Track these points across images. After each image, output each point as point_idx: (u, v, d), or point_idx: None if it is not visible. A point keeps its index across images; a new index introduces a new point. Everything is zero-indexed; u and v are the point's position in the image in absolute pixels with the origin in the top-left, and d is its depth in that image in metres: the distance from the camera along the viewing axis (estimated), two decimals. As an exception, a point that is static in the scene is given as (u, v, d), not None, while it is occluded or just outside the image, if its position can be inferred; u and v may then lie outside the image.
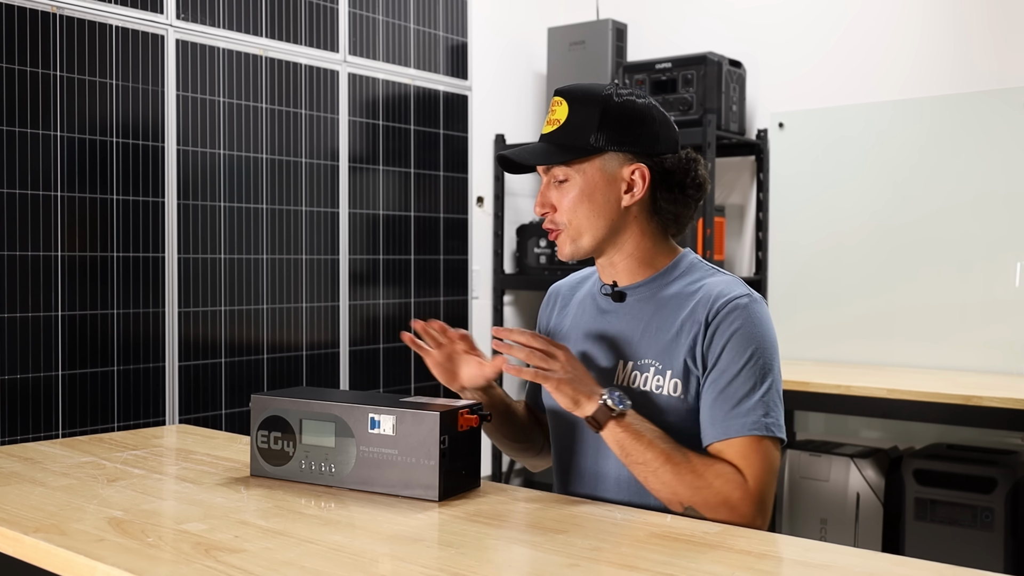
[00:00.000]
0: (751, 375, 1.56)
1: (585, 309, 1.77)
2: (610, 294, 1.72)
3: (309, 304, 3.41)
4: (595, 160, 1.64)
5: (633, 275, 1.69)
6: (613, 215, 1.65)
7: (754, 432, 1.53)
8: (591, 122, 1.62)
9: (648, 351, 1.64)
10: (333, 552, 1.31)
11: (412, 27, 3.76)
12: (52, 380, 2.76)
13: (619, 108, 1.64)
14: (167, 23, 3.01)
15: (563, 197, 1.65)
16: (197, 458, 1.90)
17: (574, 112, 1.63)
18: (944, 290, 3.73)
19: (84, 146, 2.83)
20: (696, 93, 3.89)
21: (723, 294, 1.60)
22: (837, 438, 3.92)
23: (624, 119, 1.64)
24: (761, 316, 1.60)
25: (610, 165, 1.64)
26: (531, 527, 1.45)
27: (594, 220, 1.64)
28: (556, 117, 1.65)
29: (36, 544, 1.36)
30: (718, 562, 1.29)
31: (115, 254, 2.90)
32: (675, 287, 1.67)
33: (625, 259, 1.69)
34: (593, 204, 1.64)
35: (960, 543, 3.29)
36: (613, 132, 1.63)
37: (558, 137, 1.64)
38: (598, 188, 1.64)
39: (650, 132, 1.65)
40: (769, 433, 1.54)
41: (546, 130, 1.67)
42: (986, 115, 3.66)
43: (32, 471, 1.77)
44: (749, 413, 1.54)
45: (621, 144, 1.63)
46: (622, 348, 1.67)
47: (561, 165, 1.64)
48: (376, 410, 1.60)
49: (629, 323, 1.68)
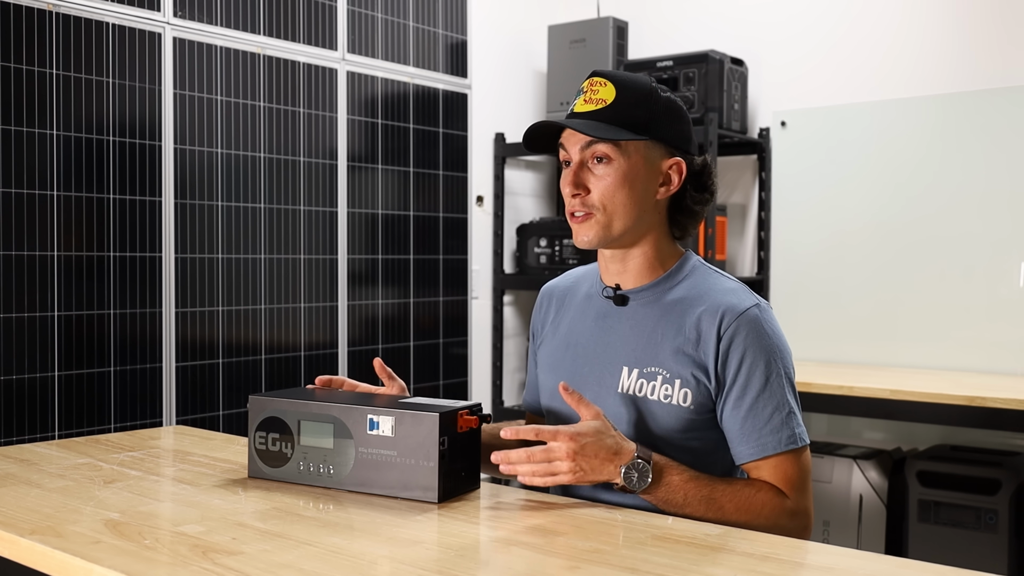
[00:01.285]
0: (776, 389, 1.57)
1: (585, 313, 1.74)
2: (612, 297, 1.69)
3: (307, 304, 3.40)
4: (640, 146, 1.62)
5: (641, 276, 1.67)
6: (646, 206, 1.63)
7: (789, 447, 1.56)
8: (640, 108, 1.61)
9: (655, 359, 1.62)
10: (331, 554, 1.30)
11: (411, 25, 3.74)
12: (48, 381, 2.75)
13: (665, 101, 1.64)
14: (164, 21, 3.00)
15: (601, 180, 1.61)
16: (194, 459, 1.90)
17: (622, 95, 1.61)
18: (948, 290, 3.72)
19: (80, 145, 2.81)
20: (698, 91, 3.88)
21: (733, 306, 1.59)
22: (840, 439, 3.91)
23: (669, 113, 1.64)
24: (773, 324, 1.61)
25: (652, 154, 1.63)
26: (531, 529, 1.44)
27: (630, 208, 1.61)
28: (601, 97, 1.61)
29: (32, 546, 1.36)
30: (720, 564, 1.29)
31: (112, 254, 2.88)
32: (679, 291, 1.65)
33: (638, 257, 1.67)
34: (632, 191, 1.61)
35: (964, 545, 3.28)
36: (659, 123, 1.62)
37: (607, 115, 1.60)
38: (639, 175, 1.62)
39: (688, 131, 1.67)
40: (802, 443, 1.58)
41: (586, 108, 1.62)
42: (990, 114, 3.65)
43: (28, 472, 1.77)
44: (782, 428, 1.56)
45: (665, 136, 1.63)
46: (626, 355, 1.65)
47: (610, 143, 1.60)
48: (375, 411, 1.59)
49: (633, 328, 1.66)
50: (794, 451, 1.56)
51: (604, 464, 1.49)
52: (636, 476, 1.49)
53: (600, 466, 1.49)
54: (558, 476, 1.49)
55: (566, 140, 1.66)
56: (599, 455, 1.49)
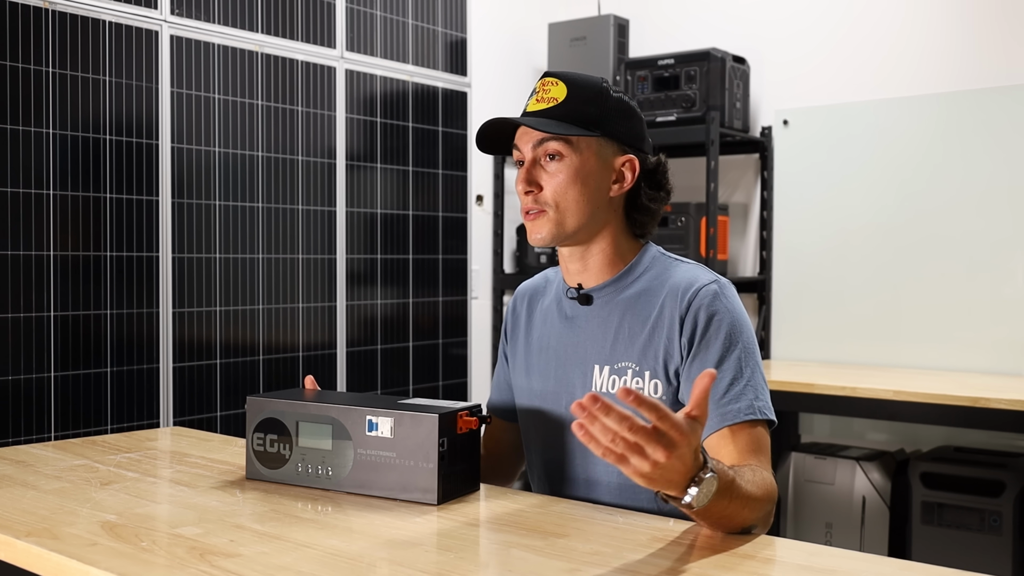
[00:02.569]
0: (736, 361, 1.55)
1: (554, 315, 1.75)
2: (576, 297, 1.71)
3: (305, 304, 3.39)
4: (592, 143, 1.63)
5: (602, 273, 1.68)
6: (600, 203, 1.64)
7: (749, 417, 1.52)
8: (591, 106, 1.63)
9: (623, 354, 1.63)
10: (330, 557, 1.30)
11: (410, 22, 3.73)
12: (44, 381, 2.73)
13: (616, 100, 1.66)
14: (161, 18, 2.99)
15: (553, 176, 1.63)
16: (192, 461, 1.90)
17: (573, 93, 1.62)
18: (951, 290, 3.70)
19: (77, 144, 2.80)
20: (699, 90, 3.87)
21: (690, 284, 1.60)
22: (842, 441, 3.90)
23: (620, 111, 1.66)
24: (733, 300, 1.61)
25: (604, 151, 1.65)
26: (531, 531, 1.43)
27: (582, 204, 1.62)
28: (552, 96, 1.63)
29: (28, 548, 1.35)
30: (722, 567, 1.28)
31: (108, 253, 2.87)
32: (641, 283, 1.66)
33: (597, 255, 1.68)
34: (585, 187, 1.62)
35: (968, 547, 3.26)
36: (611, 120, 1.64)
37: (557, 113, 1.62)
38: (592, 171, 1.63)
39: (640, 129, 1.69)
40: (763, 416, 1.53)
41: (537, 107, 1.64)
42: (993, 112, 3.63)
43: (24, 474, 1.77)
44: (739, 398, 1.53)
45: (616, 134, 1.65)
46: (595, 353, 1.66)
47: (561, 140, 1.61)
48: (374, 412, 1.59)
49: (599, 327, 1.67)
50: (754, 422, 1.52)
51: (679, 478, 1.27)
52: (702, 492, 1.30)
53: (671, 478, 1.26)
54: (635, 463, 1.21)
55: (519, 139, 1.67)
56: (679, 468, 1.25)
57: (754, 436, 1.52)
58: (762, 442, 1.53)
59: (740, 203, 4.27)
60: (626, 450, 1.20)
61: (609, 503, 1.61)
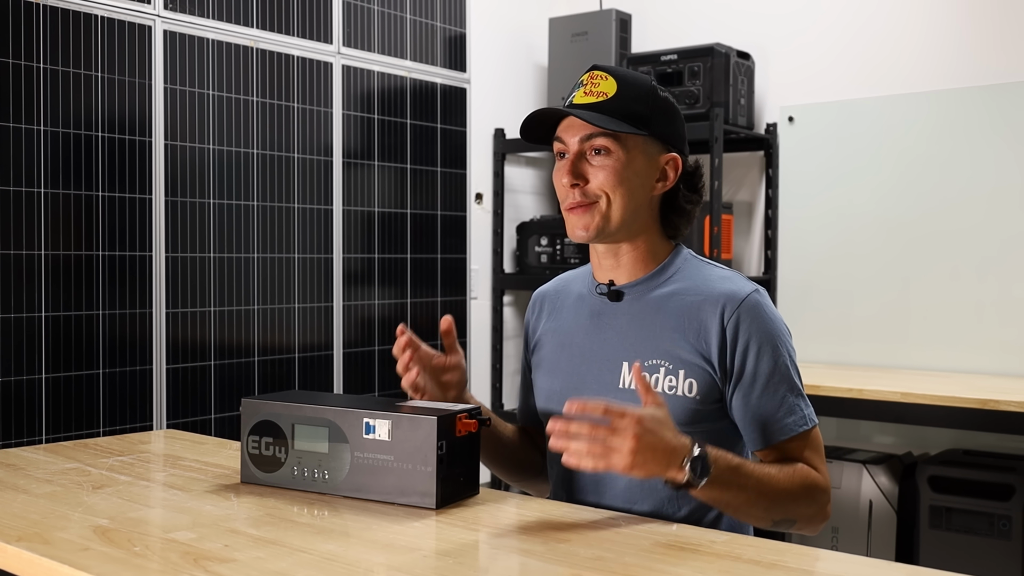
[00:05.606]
0: (784, 373, 1.62)
1: (579, 313, 1.77)
2: (606, 293, 1.72)
3: (301, 305, 3.37)
4: (639, 141, 1.65)
5: (634, 271, 1.70)
6: (643, 201, 1.67)
7: (804, 427, 1.61)
8: (640, 104, 1.65)
9: (655, 351, 1.64)
10: (326, 562, 1.30)
11: (408, 17, 3.72)
12: (35, 383, 2.71)
13: (663, 99, 1.69)
14: (154, 13, 2.97)
15: (600, 170, 1.64)
16: (185, 464, 1.91)
17: (624, 89, 1.64)
18: (959, 290, 3.69)
19: (69, 141, 2.78)
20: (703, 86, 3.86)
21: (733, 294, 1.62)
22: (849, 443, 3.88)
23: (667, 111, 1.69)
24: (772, 308, 1.66)
25: (650, 150, 1.67)
26: (532, 536, 1.44)
27: (628, 199, 1.64)
28: (602, 90, 1.64)
29: (19, 553, 1.35)
30: (726, 572, 1.29)
31: (100, 253, 2.85)
32: (673, 284, 1.68)
33: (631, 252, 1.70)
34: (631, 184, 1.64)
35: (976, 552, 3.25)
36: (658, 119, 1.66)
37: (608, 108, 1.63)
38: (638, 169, 1.65)
39: (682, 130, 1.73)
40: (812, 424, 1.63)
41: (586, 100, 1.65)
42: (1003, 108, 3.62)
43: (14, 477, 1.77)
44: (794, 411, 1.61)
45: (663, 133, 1.67)
46: (625, 350, 1.68)
47: (610, 136, 1.62)
48: (371, 414, 1.59)
49: (630, 323, 1.68)
50: (808, 431, 1.62)
51: (664, 457, 1.42)
52: (699, 469, 1.45)
53: (658, 459, 1.41)
54: (613, 458, 1.39)
55: (563, 132, 1.67)
56: (659, 447, 1.41)
57: (807, 441, 1.62)
58: (815, 443, 1.63)
59: (744, 201, 4.25)
60: (602, 453, 1.38)
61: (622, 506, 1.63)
